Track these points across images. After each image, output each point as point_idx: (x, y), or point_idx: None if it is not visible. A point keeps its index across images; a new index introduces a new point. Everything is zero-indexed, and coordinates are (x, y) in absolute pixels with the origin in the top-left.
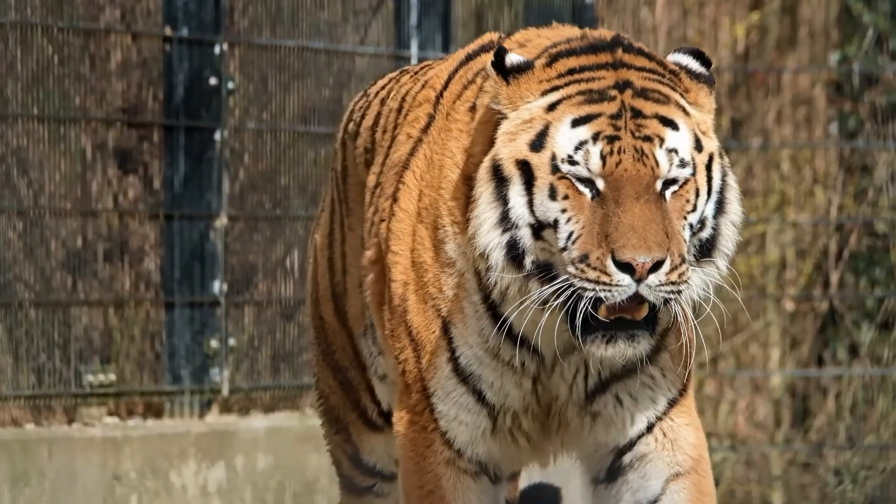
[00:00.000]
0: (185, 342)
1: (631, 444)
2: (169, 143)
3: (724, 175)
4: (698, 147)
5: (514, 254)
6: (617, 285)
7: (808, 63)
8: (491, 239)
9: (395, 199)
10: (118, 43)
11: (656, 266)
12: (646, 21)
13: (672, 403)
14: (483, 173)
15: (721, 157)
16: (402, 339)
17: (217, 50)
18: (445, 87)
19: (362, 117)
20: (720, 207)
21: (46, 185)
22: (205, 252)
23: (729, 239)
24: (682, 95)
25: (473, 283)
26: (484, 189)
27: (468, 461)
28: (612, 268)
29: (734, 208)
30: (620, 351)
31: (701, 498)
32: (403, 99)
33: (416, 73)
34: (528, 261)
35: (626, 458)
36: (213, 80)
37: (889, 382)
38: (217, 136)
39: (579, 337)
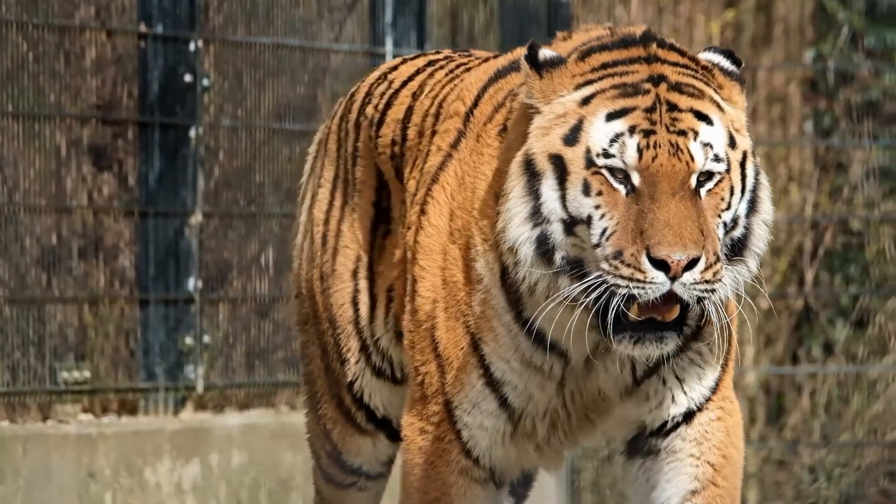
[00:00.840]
0: (159, 339)
1: (664, 430)
2: (144, 140)
3: (756, 173)
4: (732, 144)
5: (544, 249)
6: (651, 283)
7: (782, 61)
8: (521, 233)
9: (423, 212)
10: (93, 40)
11: (691, 264)
12: (621, 19)
13: (718, 382)
14: (515, 167)
15: (754, 155)
16: (426, 352)
17: (192, 47)
18: (475, 104)
19: (387, 106)
20: (753, 206)
21: (21, 182)
22: (179, 249)
23: (761, 238)
24: (715, 91)
25: (502, 300)
26: (515, 183)
27: (482, 468)
28: (646, 265)
29: (766, 207)
30: (647, 352)
31: None
32: (441, 105)
33: (451, 70)
34: (558, 256)
35: (654, 443)
36: (187, 77)
37: (864, 380)
38: (192, 133)
39: (610, 335)
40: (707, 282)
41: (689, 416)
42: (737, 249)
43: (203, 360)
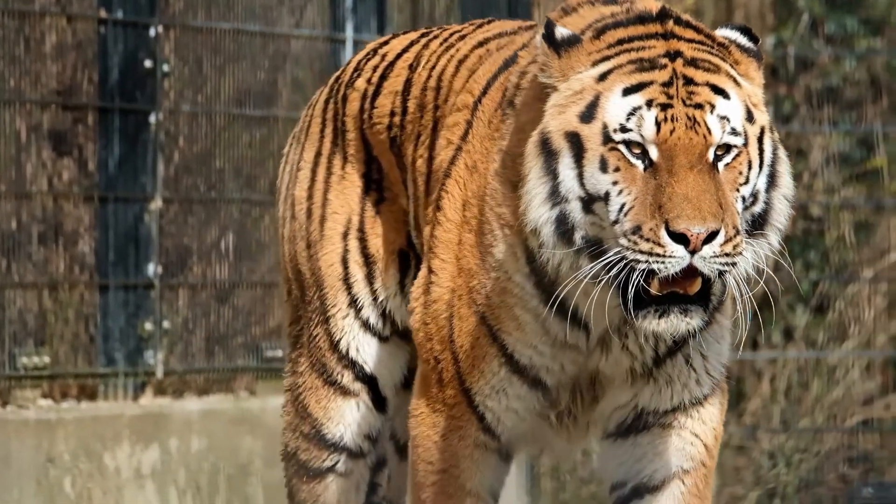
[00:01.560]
0: (119, 325)
1: (667, 409)
2: (104, 125)
3: (775, 148)
4: (750, 118)
5: (564, 229)
6: (671, 256)
7: None
8: (541, 214)
9: (438, 208)
10: (53, 25)
11: (710, 237)
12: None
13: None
14: (532, 148)
15: (772, 130)
16: (444, 342)
17: (152, 32)
18: (484, 93)
19: (383, 77)
20: (772, 181)
21: None
22: (139, 235)
23: (781, 213)
24: (732, 66)
25: (529, 285)
26: (533, 164)
27: (497, 440)
28: (665, 238)
29: (786, 181)
30: (673, 325)
31: (693, 499)
32: (440, 78)
33: (445, 40)
34: (577, 236)
35: (651, 420)
36: (147, 63)
37: (824, 366)
38: (152, 118)
39: (631, 312)
40: (727, 255)
41: (681, 418)
42: (757, 224)
43: (162, 345)
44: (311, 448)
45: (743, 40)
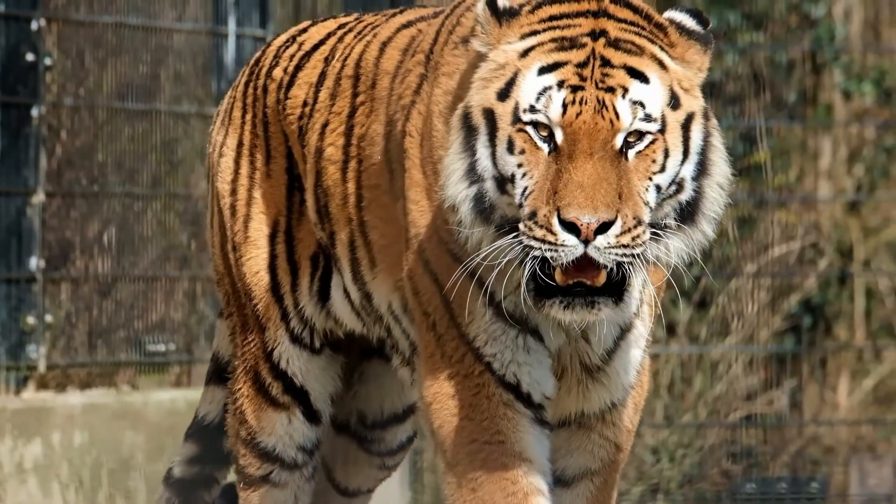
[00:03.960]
0: (1, 318)
1: (596, 411)
2: None
3: (706, 136)
4: (674, 104)
5: (482, 207)
6: (562, 245)
7: None
8: (459, 191)
9: (404, 169)
10: None
11: (603, 227)
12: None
13: (640, 368)
14: (455, 121)
15: (705, 117)
16: (430, 292)
17: (34, 25)
18: (435, 42)
19: (298, 68)
20: (703, 169)
21: None
22: (22, 228)
23: (714, 202)
24: (662, 49)
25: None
26: (455, 138)
27: (528, 404)
28: (557, 227)
29: (720, 170)
30: (580, 317)
31: (601, 493)
32: (358, 65)
33: (360, 32)
34: (496, 215)
35: (582, 420)
36: (30, 56)
37: (706, 361)
38: (34, 112)
39: (534, 299)
40: (624, 246)
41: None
42: (688, 214)
43: (45, 339)
44: (247, 454)
45: (688, 23)
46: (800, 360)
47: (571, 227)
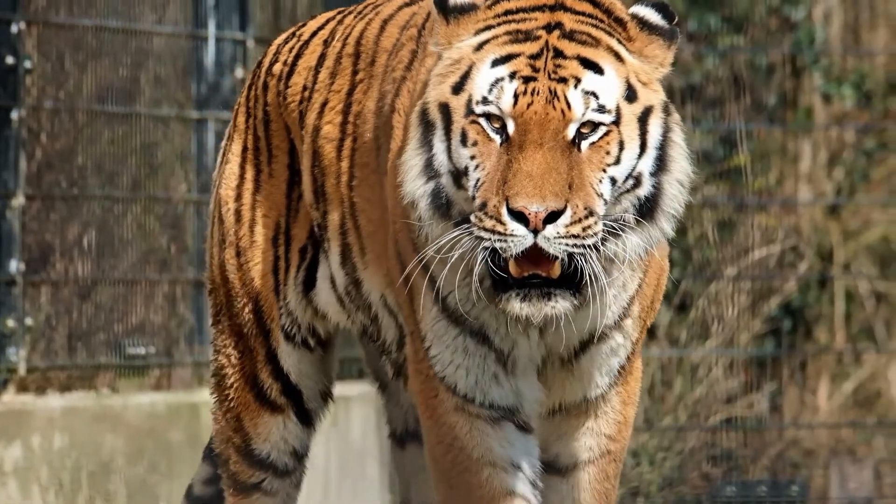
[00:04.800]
0: None
1: (573, 408)
2: None
3: (666, 131)
4: (630, 97)
5: (439, 203)
6: (512, 235)
7: None
8: (417, 187)
9: (388, 149)
10: None
11: (552, 217)
12: None
13: (622, 369)
14: (414, 118)
15: (665, 112)
16: (402, 287)
17: (14, 28)
18: (427, 18)
19: (297, 57)
20: (662, 164)
21: None
22: (1, 231)
23: (673, 198)
24: (620, 42)
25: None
26: (413, 134)
27: (480, 406)
28: (506, 216)
29: (680, 166)
30: (536, 309)
31: (600, 484)
32: (359, 44)
33: (360, 12)
34: (454, 211)
35: (561, 424)
36: (10, 59)
37: (686, 364)
38: (14, 114)
39: (490, 294)
40: (575, 236)
41: (601, 391)
42: (646, 210)
43: (25, 342)
44: (240, 461)
45: (652, 17)
46: (780, 363)
47: (520, 217)
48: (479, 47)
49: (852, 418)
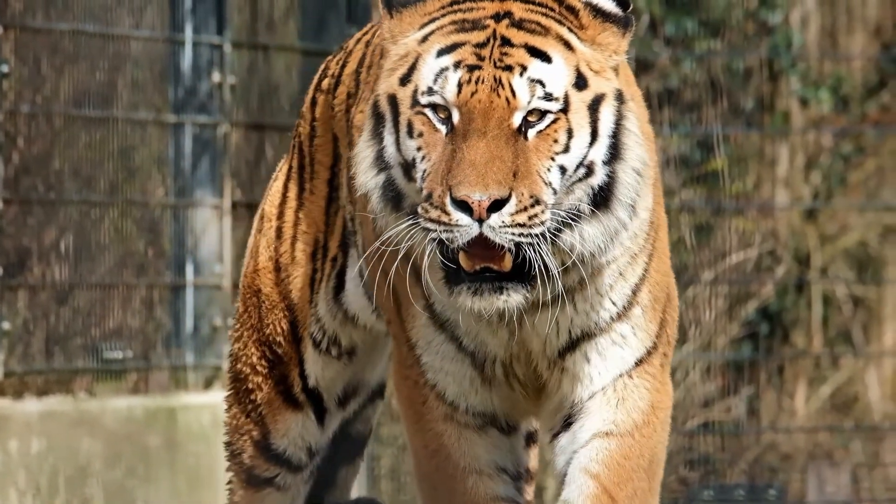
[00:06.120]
0: None
1: (585, 400)
2: None
3: (619, 118)
4: (580, 84)
5: (391, 195)
6: (457, 225)
7: None
8: (369, 179)
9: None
10: None
11: (497, 205)
12: None
13: (639, 362)
14: (368, 111)
15: (619, 100)
16: (384, 288)
17: None
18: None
19: (343, 66)
20: (616, 153)
21: None
22: None
23: (629, 187)
24: (571, 30)
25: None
26: (366, 127)
27: (465, 413)
28: (450, 206)
29: (635, 154)
30: (488, 303)
31: (623, 462)
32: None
33: None
34: (406, 203)
35: (575, 411)
36: None
37: None
38: None
39: (443, 287)
40: (521, 225)
41: (606, 389)
42: (601, 199)
43: (2, 346)
44: (256, 455)
45: (605, 5)
46: (757, 367)
47: (464, 207)
48: (425, 39)
49: (829, 422)
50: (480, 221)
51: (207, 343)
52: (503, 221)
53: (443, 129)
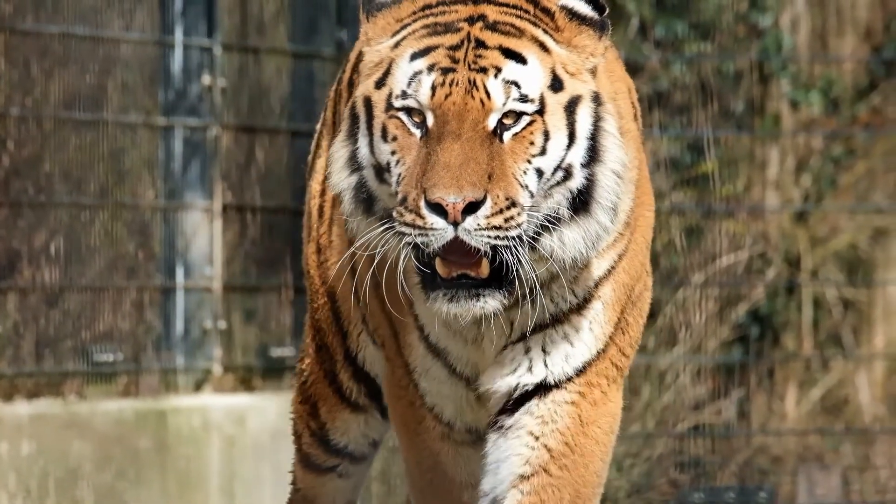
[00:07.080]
0: None
1: (519, 402)
2: None
3: (597, 120)
4: (556, 87)
5: (363, 197)
6: (432, 229)
7: None
8: (341, 179)
9: None
10: None
11: (472, 207)
12: None
13: (588, 365)
14: (346, 111)
15: (596, 101)
16: (378, 314)
17: None
18: None
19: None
20: (594, 155)
21: None
22: None
23: (609, 189)
24: (546, 32)
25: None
26: (343, 127)
27: (460, 432)
28: (424, 209)
29: (614, 157)
30: (465, 309)
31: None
32: None
33: None
34: (378, 206)
35: (509, 421)
36: None
37: (654, 371)
38: None
39: (420, 293)
40: (496, 228)
41: (541, 390)
42: (581, 203)
43: None
44: (314, 444)
45: (582, 8)
46: (747, 369)
47: (439, 209)
48: (399, 43)
49: (820, 425)
50: (455, 224)
51: (198, 346)
52: (478, 224)
53: (417, 132)
